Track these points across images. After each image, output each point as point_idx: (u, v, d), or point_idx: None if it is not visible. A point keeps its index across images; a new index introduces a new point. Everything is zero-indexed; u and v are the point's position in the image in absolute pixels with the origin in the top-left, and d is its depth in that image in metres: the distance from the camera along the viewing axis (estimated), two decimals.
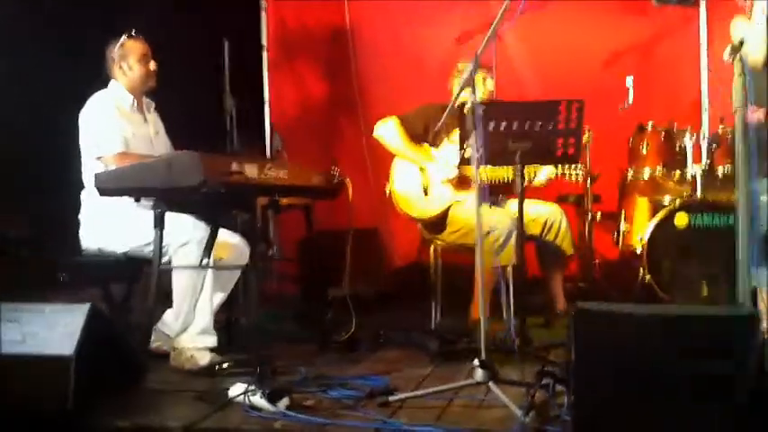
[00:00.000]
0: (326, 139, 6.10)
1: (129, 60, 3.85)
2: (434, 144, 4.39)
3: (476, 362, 2.82)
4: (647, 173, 4.82)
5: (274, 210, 3.68)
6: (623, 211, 5.05)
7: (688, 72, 5.75)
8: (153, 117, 3.98)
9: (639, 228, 4.87)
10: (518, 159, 3.53)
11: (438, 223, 4.27)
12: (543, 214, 4.31)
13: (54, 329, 2.80)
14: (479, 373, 2.80)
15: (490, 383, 2.79)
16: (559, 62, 5.58)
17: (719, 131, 4.73)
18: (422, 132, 4.35)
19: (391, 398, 2.88)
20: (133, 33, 3.83)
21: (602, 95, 4.73)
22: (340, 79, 6.11)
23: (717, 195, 4.66)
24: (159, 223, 3.30)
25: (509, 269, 4.11)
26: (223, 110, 3.75)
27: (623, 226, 4.92)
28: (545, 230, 4.31)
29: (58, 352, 2.74)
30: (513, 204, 4.28)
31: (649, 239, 4.55)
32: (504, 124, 3.50)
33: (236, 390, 2.94)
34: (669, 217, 4.56)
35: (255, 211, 3.40)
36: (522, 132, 3.51)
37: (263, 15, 6.16)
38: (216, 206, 3.37)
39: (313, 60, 6.22)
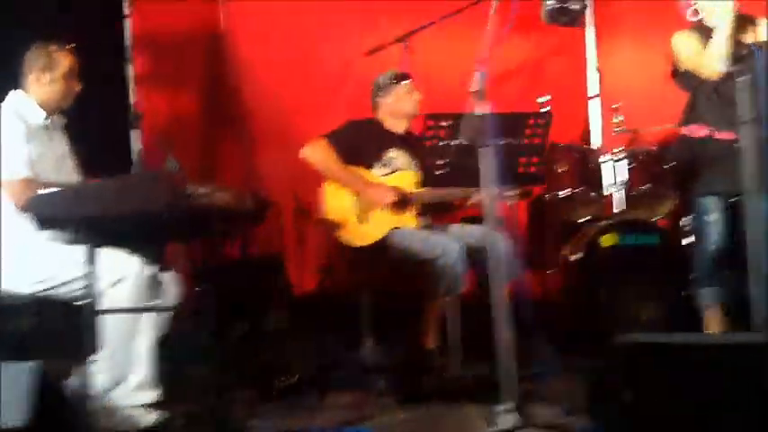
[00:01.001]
0: (208, 160, 5.54)
1: (54, 73, 3.26)
2: (366, 165, 4.04)
3: (503, 406, 2.50)
4: (562, 193, 4.72)
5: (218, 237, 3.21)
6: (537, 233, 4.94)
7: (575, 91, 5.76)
8: (60, 136, 3.38)
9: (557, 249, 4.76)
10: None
11: (375, 251, 3.91)
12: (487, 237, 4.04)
13: None
14: (509, 419, 2.49)
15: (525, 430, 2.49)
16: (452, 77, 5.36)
17: (634, 151, 4.71)
18: (353, 152, 3.99)
19: None
20: (67, 46, 3.29)
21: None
22: (219, 94, 5.56)
23: (637, 215, 4.64)
24: (91, 259, 2.75)
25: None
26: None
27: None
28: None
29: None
30: (453, 228, 4.07)
31: (580, 261, 4.43)
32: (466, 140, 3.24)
33: None
34: (595, 237, 4.46)
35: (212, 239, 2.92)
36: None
37: (127, 24, 5.48)
38: (165, 236, 2.85)
39: (187, 73, 5.61)
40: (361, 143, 4.02)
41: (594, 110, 5.68)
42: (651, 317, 4.23)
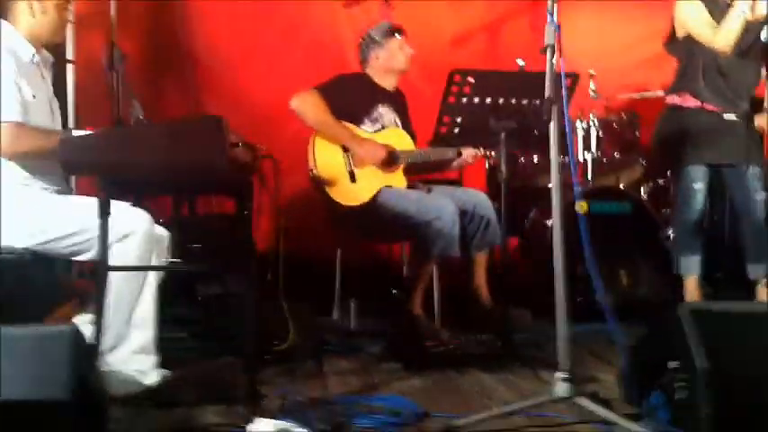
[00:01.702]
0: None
1: (45, 3, 2.90)
2: (355, 121, 3.86)
3: (559, 374, 2.42)
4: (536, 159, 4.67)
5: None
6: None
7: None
8: (48, 76, 3.04)
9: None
10: (503, 142, 3.18)
11: (366, 211, 3.74)
12: (472, 200, 3.94)
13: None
14: (563, 388, 2.40)
15: (577, 399, 2.41)
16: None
17: (607, 118, 4.71)
18: (343, 107, 3.80)
19: (462, 421, 2.39)
20: None
21: None
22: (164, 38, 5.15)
23: (606, 181, 4.66)
24: (106, 210, 2.48)
25: None
26: None
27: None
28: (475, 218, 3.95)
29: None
30: (439, 189, 3.94)
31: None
32: (489, 99, 3.13)
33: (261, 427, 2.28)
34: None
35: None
36: (507, 109, 3.15)
37: None
38: (199, 187, 2.62)
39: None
40: (351, 98, 3.84)
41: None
42: (629, 285, 4.25)
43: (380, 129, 3.91)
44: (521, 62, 4.71)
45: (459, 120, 3.19)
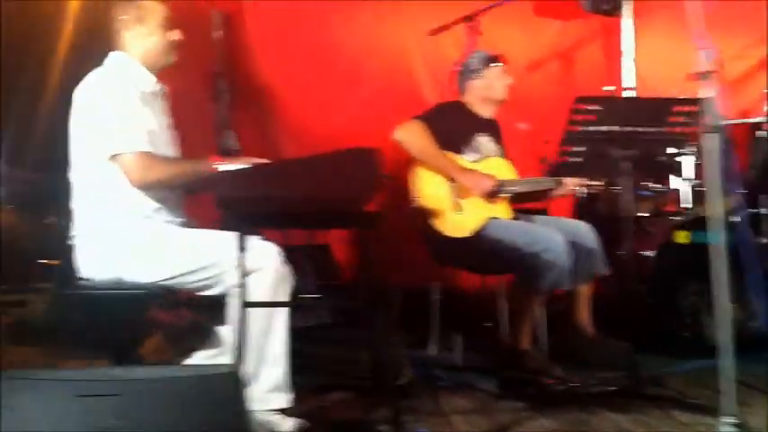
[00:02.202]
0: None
1: (148, 24, 2.84)
2: (456, 151, 3.77)
3: (726, 419, 2.28)
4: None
5: None
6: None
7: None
8: (163, 104, 2.98)
9: None
10: (623, 171, 3.07)
11: (472, 242, 3.62)
12: (573, 230, 3.82)
13: None
14: None
15: None
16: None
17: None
18: (445, 136, 3.71)
19: None
20: None
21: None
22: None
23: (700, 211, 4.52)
24: (243, 245, 2.41)
25: None
26: None
27: None
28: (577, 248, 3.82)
29: None
30: (541, 219, 3.84)
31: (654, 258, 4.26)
32: (613, 127, 3.02)
33: None
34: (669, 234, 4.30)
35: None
36: (628, 136, 3.05)
37: None
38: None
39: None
40: (452, 127, 3.75)
41: None
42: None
43: (481, 158, 3.81)
44: (609, 88, 4.68)
45: (579, 149, 3.08)
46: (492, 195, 3.69)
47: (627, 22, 5.55)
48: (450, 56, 4.56)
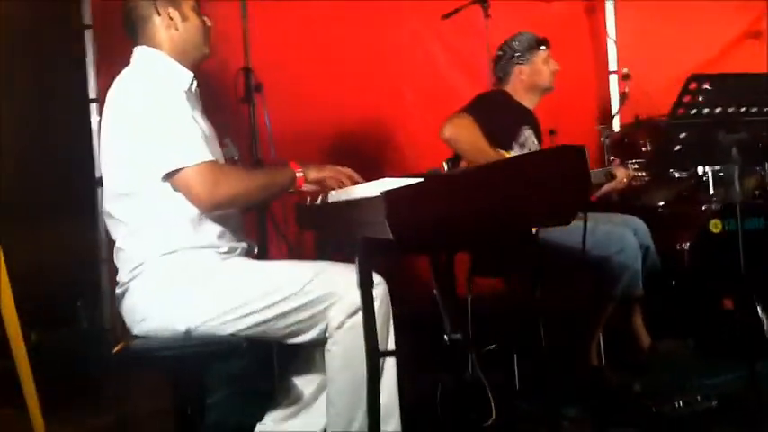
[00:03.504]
0: None
1: (182, 7, 2.28)
2: (504, 147, 3.32)
3: None
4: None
5: None
6: None
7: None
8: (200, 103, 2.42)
9: None
10: (734, 158, 2.71)
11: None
12: (631, 227, 3.43)
13: None
14: None
15: None
16: None
17: None
18: (492, 131, 3.24)
19: None
20: None
21: None
22: None
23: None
24: (369, 279, 1.91)
25: None
26: None
27: None
28: None
29: None
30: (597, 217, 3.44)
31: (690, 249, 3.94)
32: (719, 109, 2.65)
33: None
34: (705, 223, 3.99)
35: None
36: (737, 119, 2.68)
37: None
38: None
39: None
40: (499, 121, 3.27)
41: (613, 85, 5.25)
42: None
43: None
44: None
45: (682, 136, 2.70)
46: None
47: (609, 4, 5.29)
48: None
